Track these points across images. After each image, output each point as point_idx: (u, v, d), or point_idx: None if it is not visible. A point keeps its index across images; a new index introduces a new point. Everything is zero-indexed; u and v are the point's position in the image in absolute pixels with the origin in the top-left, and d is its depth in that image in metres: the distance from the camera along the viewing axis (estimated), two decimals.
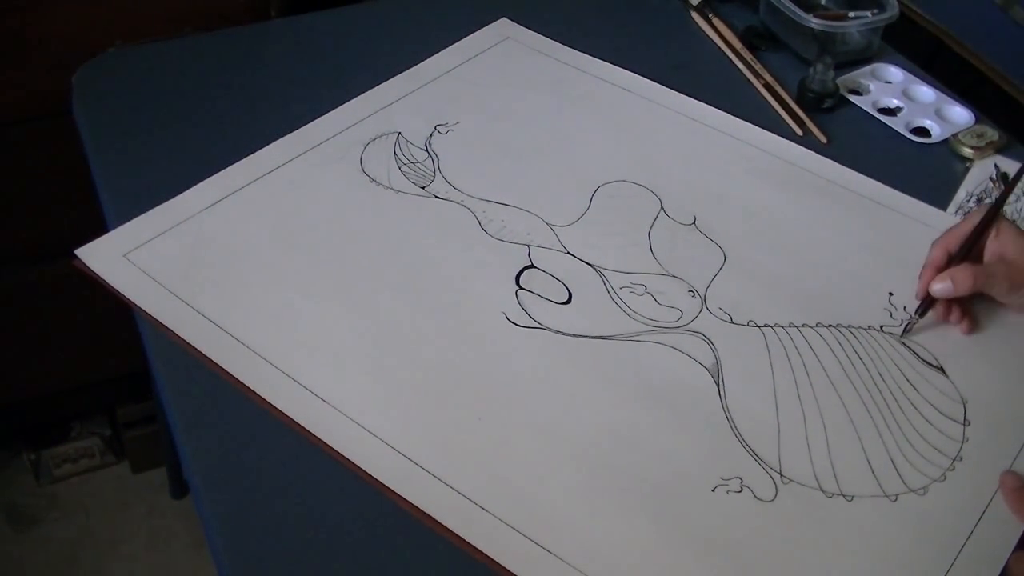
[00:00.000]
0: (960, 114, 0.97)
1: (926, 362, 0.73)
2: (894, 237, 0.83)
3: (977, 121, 0.96)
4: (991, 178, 0.90)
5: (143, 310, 0.73)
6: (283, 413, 0.67)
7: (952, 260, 0.74)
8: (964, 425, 0.69)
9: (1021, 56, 1.09)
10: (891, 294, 0.78)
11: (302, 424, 0.66)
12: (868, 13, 1.01)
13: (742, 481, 0.65)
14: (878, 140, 0.95)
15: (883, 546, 0.62)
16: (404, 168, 0.86)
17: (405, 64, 0.99)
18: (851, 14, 1.02)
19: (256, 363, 0.70)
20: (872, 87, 1.01)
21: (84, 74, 0.98)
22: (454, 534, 0.61)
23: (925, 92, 1.00)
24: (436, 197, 0.84)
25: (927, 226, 0.83)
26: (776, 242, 0.82)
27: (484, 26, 1.06)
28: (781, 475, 0.65)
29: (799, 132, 0.95)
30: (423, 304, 0.75)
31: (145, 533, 1.52)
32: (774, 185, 0.88)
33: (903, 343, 0.74)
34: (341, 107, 0.93)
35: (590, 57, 1.02)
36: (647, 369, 0.71)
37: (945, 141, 0.94)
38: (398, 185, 0.85)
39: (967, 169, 0.92)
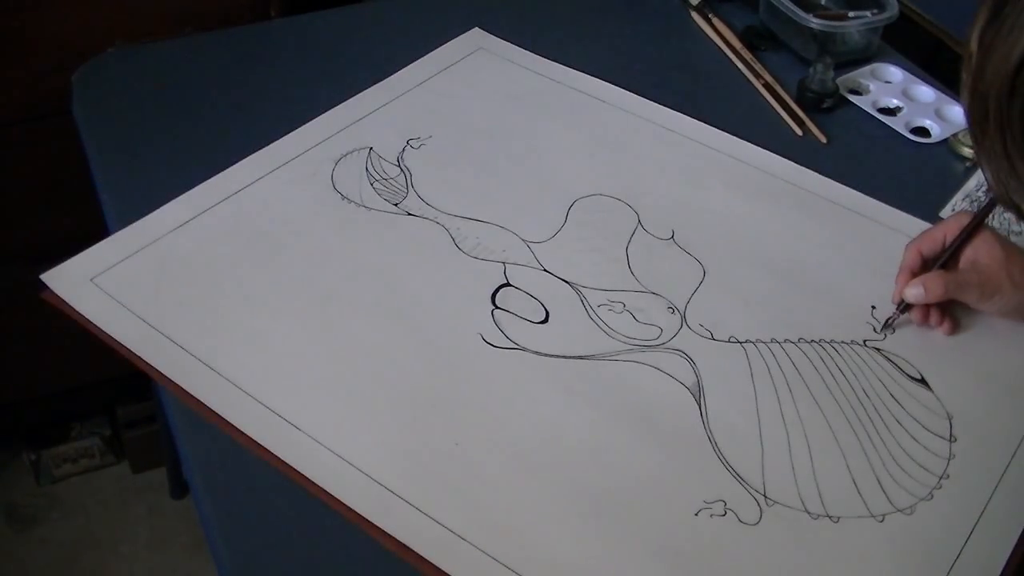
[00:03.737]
0: (960, 114, 0.97)
1: (910, 377, 0.72)
2: (876, 248, 0.81)
3: None
4: None
5: (111, 337, 0.70)
6: (254, 441, 0.65)
7: (928, 266, 0.75)
8: (950, 441, 0.68)
9: None
10: (873, 307, 0.77)
11: (274, 452, 0.64)
12: (868, 13, 1.01)
13: (726, 504, 0.63)
14: (878, 140, 0.95)
15: (871, 569, 0.61)
16: (376, 184, 0.84)
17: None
18: (851, 14, 1.01)
19: (226, 389, 0.67)
20: (872, 87, 1.01)
21: (84, 74, 0.98)
22: (433, 566, 0.59)
23: (925, 92, 1.00)
24: (409, 214, 0.82)
25: (909, 237, 0.81)
26: (756, 256, 0.81)
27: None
28: (765, 497, 0.64)
29: (799, 132, 0.95)
30: (397, 326, 0.73)
31: (145, 533, 1.52)
32: (754, 197, 0.86)
33: (886, 357, 0.73)
34: (312, 122, 0.91)
35: (565, 67, 1.00)
36: (627, 390, 0.70)
37: (945, 141, 0.95)
38: (370, 202, 0.83)
39: (967, 169, 0.92)
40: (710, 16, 1.09)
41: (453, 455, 0.65)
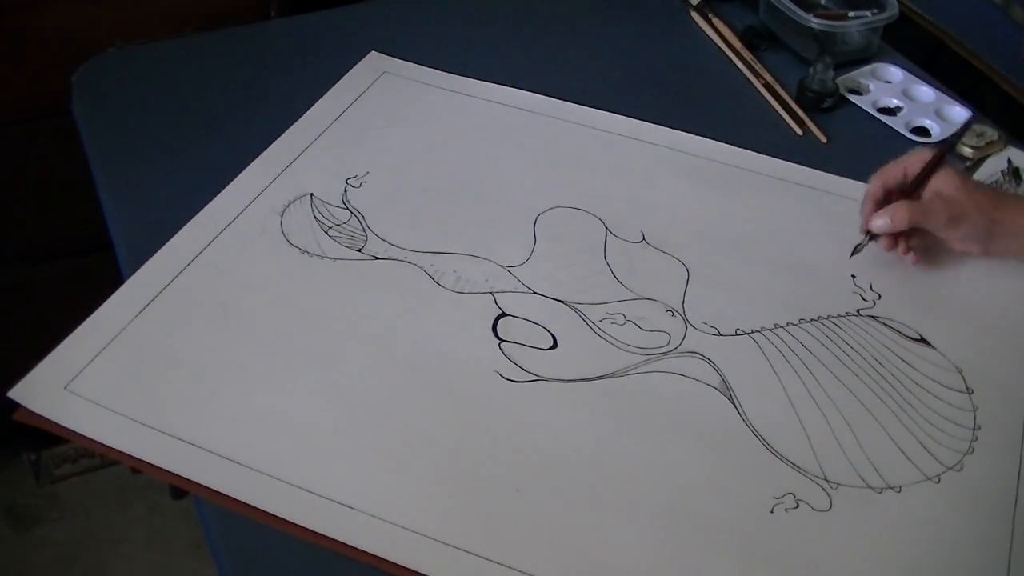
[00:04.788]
0: (960, 114, 0.97)
1: (910, 338, 0.74)
2: (835, 218, 0.83)
3: (977, 121, 0.96)
4: (1002, 172, 0.91)
5: (102, 444, 0.65)
6: (298, 526, 0.60)
7: (890, 197, 0.78)
8: (969, 393, 0.70)
9: (1021, 56, 1.08)
10: (854, 276, 0.78)
11: (324, 534, 0.60)
12: (868, 13, 1.01)
13: (795, 496, 0.64)
14: (878, 140, 0.95)
15: (944, 531, 0.62)
16: (331, 232, 0.80)
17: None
18: (851, 14, 1.01)
19: (235, 470, 0.63)
20: (872, 87, 1.01)
21: (84, 74, 0.98)
22: None
23: (925, 92, 1.00)
24: (376, 258, 0.78)
25: (859, 202, 0.82)
26: (729, 245, 0.81)
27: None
28: (827, 481, 0.65)
29: (799, 132, 0.95)
30: (411, 378, 0.69)
31: (145, 533, 1.52)
32: (707, 186, 0.86)
33: (883, 323, 0.75)
34: (243, 173, 0.85)
35: (475, 80, 0.97)
36: (659, 401, 0.69)
37: (945, 141, 0.94)
38: (331, 252, 0.78)
39: (967, 169, 0.91)
40: (710, 16, 1.09)
41: (516, 501, 0.62)
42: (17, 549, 1.49)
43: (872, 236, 0.77)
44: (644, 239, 0.81)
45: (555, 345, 0.72)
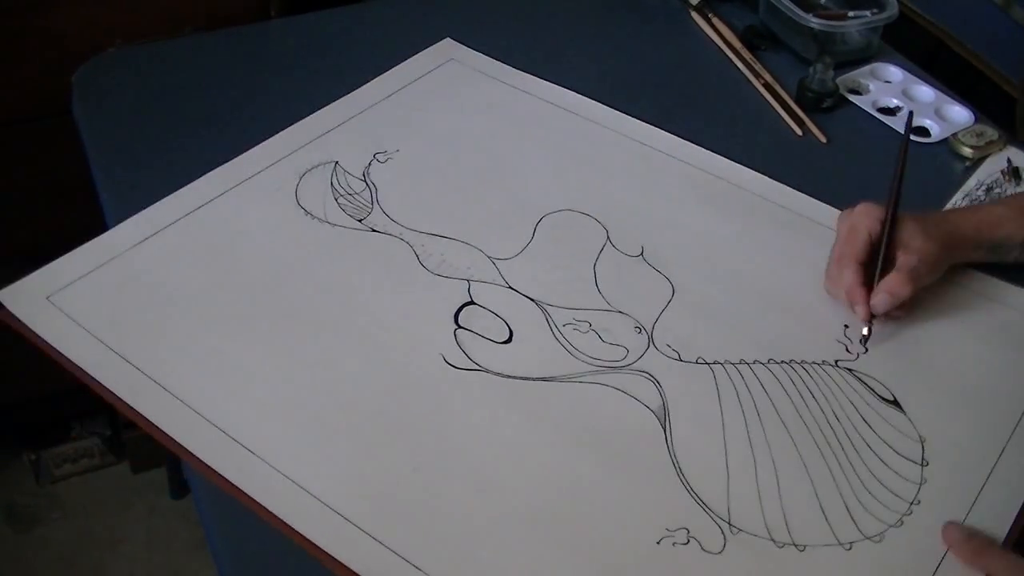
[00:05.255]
0: (960, 114, 0.97)
1: (882, 398, 0.70)
2: None
3: (977, 121, 0.96)
4: (1002, 171, 0.91)
5: (67, 359, 0.69)
6: (207, 465, 0.63)
7: (870, 267, 0.74)
8: (922, 466, 0.66)
9: (1021, 56, 1.09)
10: (847, 326, 0.75)
11: (227, 477, 0.62)
12: (868, 13, 1.01)
13: (688, 532, 0.61)
14: (878, 140, 0.95)
15: None
16: (341, 200, 0.83)
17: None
18: (851, 14, 1.02)
19: (183, 413, 0.66)
20: (872, 87, 1.01)
21: (84, 74, 0.98)
22: None
23: (925, 92, 1.00)
24: (373, 230, 0.80)
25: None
26: (727, 273, 0.79)
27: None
28: (730, 524, 0.62)
29: (799, 132, 0.95)
30: (357, 346, 0.71)
31: (145, 533, 1.52)
32: (726, 213, 0.84)
33: (859, 379, 0.71)
34: (277, 135, 0.89)
35: (536, 79, 0.98)
36: (590, 413, 0.68)
37: (945, 141, 0.94)
38: (334, 218, 0.81)
39: (967, 168, 0.92)
40: (710, 16, 1.09)
41: (411, 481, 0.63)
42: (17, 549, 1.49)
43: (870, 330, 0.74)
44: (642, 254, 0.80)
45: (510, 340, 0.73)
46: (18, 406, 1.49)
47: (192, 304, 0.74)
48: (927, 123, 0.97)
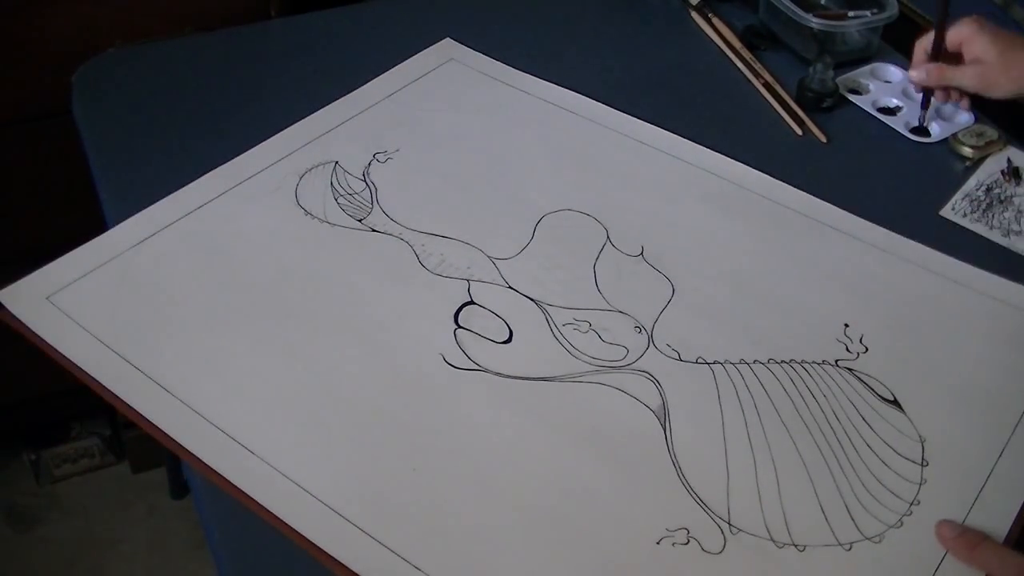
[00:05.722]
0: (959, 114, 0.97)
1: (882, 398, 0.70)
2: (851, 265, 0.80)
3: (977, 121, 0.96)
4: (1002, 171, 0.91)
5: (67, 359, 0.69)
6: (208, 466, 0.63)
7: (945, 58, 0.90)
8: (922, 466, 0.66)
9: None
10: (847, 325, 0.75)
11: (229, 478, 0.62)
12: (868, 13, 1.01)
13: (688, 532, 0.61)
14: (878, 140, 0.95)
15: None
16: (341, 200, 0.83)
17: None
18: (851, 14, 1.02)
19: (183, 413, 0.66)
20: (872, 87, 1.01)
21: (84, 74, 0.98)
22: None
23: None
24: (373, 230, 0.80)
25: (884, 251, 0.81)
26: (727, 273, 0.79)
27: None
28: (730, 525, 0.62)
29: (799, 132, 0.95)
30: (357, 346, 0.71)
31: (145, 533, 1.52)
32: (727, 212, 0.84)
33: (858, 378, 0.71)
34: (277, 135, 0.89)
35: (536, 78, 0.98)
36: (590, 413, 0.68)
37: (945, 141, 0.94)
38: (334, 218, 0.81)
39: (967, 168, 0.92)
40: (710, 16, 1.09)
41: (410, 481, 0.63)
42: (17, 549, 1.49)
43: (926, 96, 0.92)
44: (642, 253, 0.80)
45: (509, 340, 0.73)
46: (18, 406, 1.49)
47: (192, 304, 0.74)
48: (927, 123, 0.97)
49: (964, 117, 0.96)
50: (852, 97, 0.99)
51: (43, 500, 1.55)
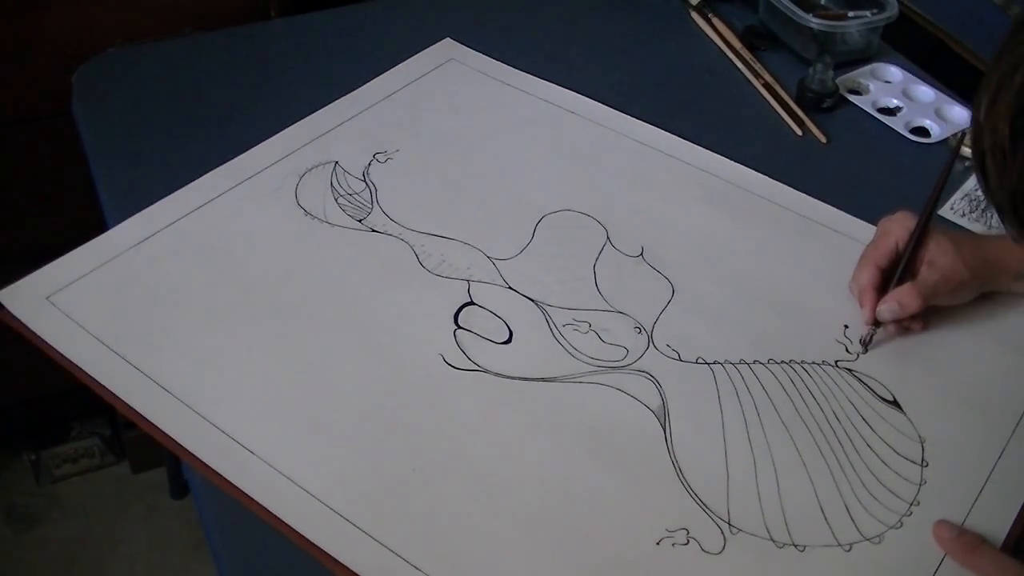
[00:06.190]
0: (960, 114, 0.97)
1: (882, 399, 0.70)
2: (850, 265, 0.78)
3: None
4: None
5: (67, 359, 0.69)
6: (207, 466, 0.63)
7: (889, 277, 0.74)
8: (922, 466, 0.66)
9: None
10: (847, 327, 0.75)
11: (229, 478, 0.62)
12: (868, 13, 1.01)
13: (688, 533, 0.61)
14: (878, 140, 0.95)
15: None
16: (341, 200, 0.83)
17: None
18: (851, 14, 1.02)
19: (183, 413, 0.66)
20: (872, 87, 1.01)
21: (84, 74, 0.98)
22: None
23: (925, 92, 1.00)
24: (373, 231, 0.80)
25: None
26: (727, 273, 0.79)
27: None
28: (730, 525, 0.62)
29: (799, 132, 0.95)
30: (357, 346, 0.71)
31: (145, 533, 1.52)
32: (727, 213, 0.84)
33: (858, 379, 0.71)
34: (277, 135, 0.89)
35: (536, 79, 0.98)
36: (590, 413, 0.68)
37: (945, 141, 0.95)
38: (334, 218, 0.81)
39: (966, 168, 0.92)
40: (710, 16, 1.09)
41: (410, 481, 0.63)
42: (17, 549, 1.49)
43: (878, 324, 0.73)
44: (642, 254, 0.80)
45: (509, 340, 0.73)
46: (18, 406, 1.49)
47: (192, 304, 0.74)
48: (927, 123, 0.97)
49: (964, 117, 0.96)
50: (852, 97, 0.99)
51: (43, 500, 1.55)
